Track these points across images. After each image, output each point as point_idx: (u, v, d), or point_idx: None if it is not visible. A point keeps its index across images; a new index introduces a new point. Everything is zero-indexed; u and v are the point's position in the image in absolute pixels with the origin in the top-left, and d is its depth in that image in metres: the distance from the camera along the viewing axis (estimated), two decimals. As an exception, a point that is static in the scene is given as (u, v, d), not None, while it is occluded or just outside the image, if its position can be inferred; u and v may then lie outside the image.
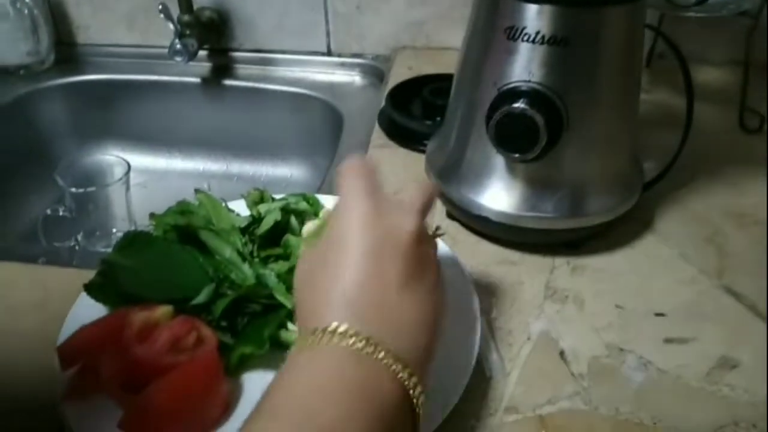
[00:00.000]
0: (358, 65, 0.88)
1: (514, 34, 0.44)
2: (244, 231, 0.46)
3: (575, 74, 0.44)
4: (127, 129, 0.89)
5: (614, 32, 0.44)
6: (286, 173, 0.88)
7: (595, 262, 0.50)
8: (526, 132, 0.44)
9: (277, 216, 0.45)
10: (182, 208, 0.49)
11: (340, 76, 0.88)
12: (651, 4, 0.60)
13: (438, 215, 0.55)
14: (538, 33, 0.43)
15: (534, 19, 0.43)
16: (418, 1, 0.84)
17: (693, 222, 0.54)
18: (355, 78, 0.88)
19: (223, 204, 0.50)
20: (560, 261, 0.50)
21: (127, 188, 0.72)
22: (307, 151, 0.86)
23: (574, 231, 0.49)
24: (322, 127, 0.83)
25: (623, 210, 0.50)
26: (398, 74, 0.80)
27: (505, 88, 0.45)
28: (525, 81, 0.44)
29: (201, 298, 0.41)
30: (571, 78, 0.44)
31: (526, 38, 0.43)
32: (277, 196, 0.51)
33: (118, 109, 0.89)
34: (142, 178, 0.89)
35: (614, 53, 0.44)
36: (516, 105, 0.44)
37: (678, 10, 0.60)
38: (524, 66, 0.44)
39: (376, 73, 0.87)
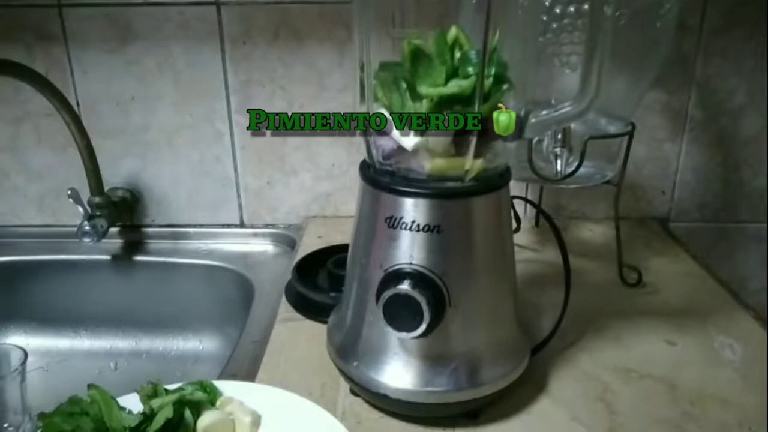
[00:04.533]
0: (271, 235, 0.92)
1: (393, 223, 0.48)
2: (135, 430, 0.45)
3: (451, 256, 0.48)
4: (30, 311, 0.87)
5: (482, 216, 0.49)
6: (197, 346, 0.86)
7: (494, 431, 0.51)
8: (412, 311, 0.47)
9: (168, 413, 0.44)
10: (72, 409, 0.47)
11: (253, 246, 0.91)
12: (525, 178, 0.67)
13: (342, 392, 0.55)
14: (413, 222, 0.47)
15: (410, 210, 0.47)
16: (324, 176, 0.90)
17: (583, 380, 0.57)
18: (268, 247, 0.91)
19: (115, 400, 0.48)
20: (460, 433, 0.51)
21: (23, 379, 0.68)
22: (218, 322, 0.86)
23: (471, 402, 0.51)
24: (233, 298, 0.84)
25: (515, 376, 0.52)
26: (308, 243, 0.84)
27: (390, 270, 0.48)
28: (407, 263, 0.48)
29: None
30: (448, 260, 0.48)
31: (404, 227, 0.47)
32: (173, 386, 0.51)
33: (21, 291, 0.87)
34: (44, 361, 0.85)
35: (484, 235, 0.49)
36: (400, 286, 0.47)
37: (549, 184, 0.67)
38: (405, 250, 0.48)
39: (288, 241, 0.90)
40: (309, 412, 0.49)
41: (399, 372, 0.50)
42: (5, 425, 0.69)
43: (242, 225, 0.93)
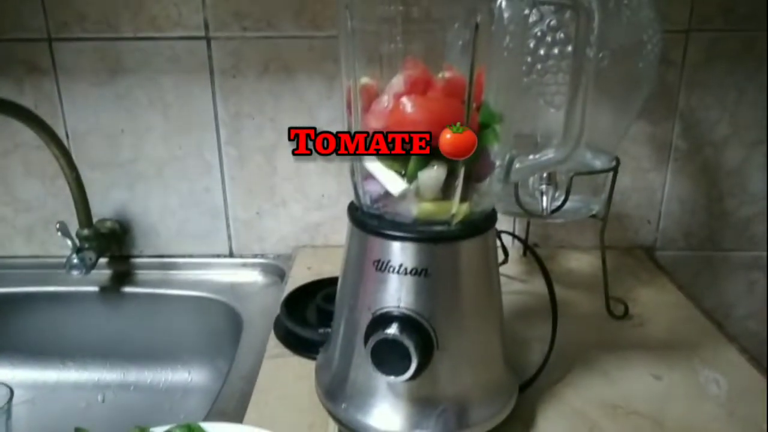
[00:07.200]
0: (260, 265, 0.92)
1: (381, 266, 0.48)
2: (121, 478, 0.44)
3: (439, 299, 0.48)
4: (16, 342, 0.86)
5: (468, 260, 0.49)
6: (186, 378, 0.86)
7: (482, 473, 0.51)
8: (400, 355, 0.47)
9: (156, 460, 0.44)
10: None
11: (242, 277, 0.91)
12: (512, 213, 0.68)
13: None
14: (401, 265, 0.48)
15: (397, 254, 0.48)
16: (314, 206, 0.90)
17: (571, 417, 0.57)
18: (257, 278, 0.91)
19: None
20: (448, 475, 0.51)
21: (8, 416, 0.68)
22: (207, 354, 0.86)
23: (458, 443, 0.51)
24: (222, 330, 0.84)
25: (503, 416, 0.53)
26: (297, 274, 0.84)
27: (378, 313, 0.49)
28: (395, 307, 0.48)
29: None
30: (436, 303, 0.48)
31: (391, 270, 0.48)
32: (160, 429, 0.51)
33: (8, 323, 0.86)
34: (31, 394, 0.84)
35: (471, 277, 0.49)
36: (388, 330, 0.47)
37: (536, 219, 0.68)
38: (393, 294, 0.48)
39: (277, 271, 0.90)
40: (297, 456, 0.49)
41: (387, 415, 0.50)
42: (-10, 464, 0.68)
43: (231, 255, 0.93)
